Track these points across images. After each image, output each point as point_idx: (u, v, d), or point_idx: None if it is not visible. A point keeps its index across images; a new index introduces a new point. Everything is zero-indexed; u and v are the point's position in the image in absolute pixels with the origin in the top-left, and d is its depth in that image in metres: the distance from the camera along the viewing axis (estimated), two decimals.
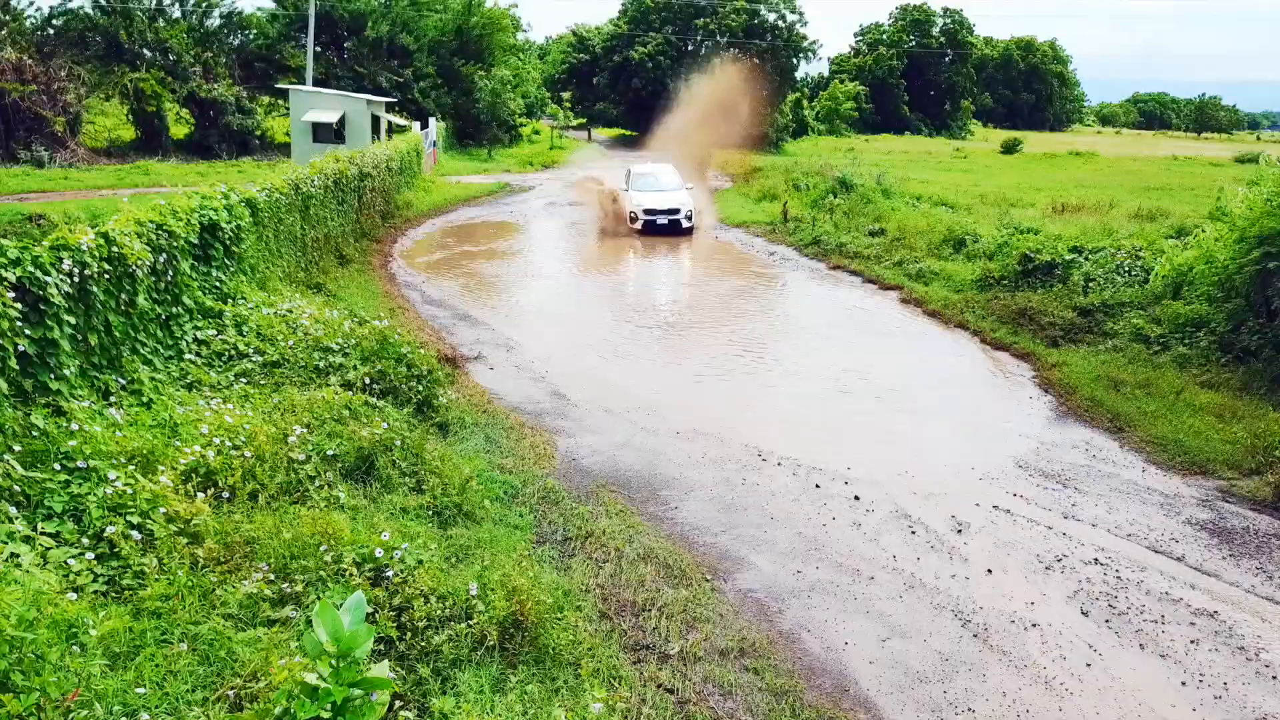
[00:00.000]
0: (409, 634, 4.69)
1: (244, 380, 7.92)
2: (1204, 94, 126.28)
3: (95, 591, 4.60)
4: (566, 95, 67.20)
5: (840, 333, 13.91)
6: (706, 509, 7.43)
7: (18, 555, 4.50)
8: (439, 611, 4.85)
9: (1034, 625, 5.89)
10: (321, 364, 8.49)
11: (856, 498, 7.72)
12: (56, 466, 5.29)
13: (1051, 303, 13.57)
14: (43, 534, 4.76)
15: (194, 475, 5.74)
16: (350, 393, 7.82)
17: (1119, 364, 11.33)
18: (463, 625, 4.82)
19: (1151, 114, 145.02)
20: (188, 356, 7.82)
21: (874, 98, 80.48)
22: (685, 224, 21.95)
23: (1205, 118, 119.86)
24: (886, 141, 64.46)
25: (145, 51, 32.56)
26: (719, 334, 13.51)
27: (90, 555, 4.75)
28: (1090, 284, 14.06)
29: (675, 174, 23.63)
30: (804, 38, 57.67)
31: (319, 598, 4.63)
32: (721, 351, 12.53)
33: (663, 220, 21.80)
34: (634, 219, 21.94)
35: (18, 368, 5.62)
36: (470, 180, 32.73)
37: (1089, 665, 5.51)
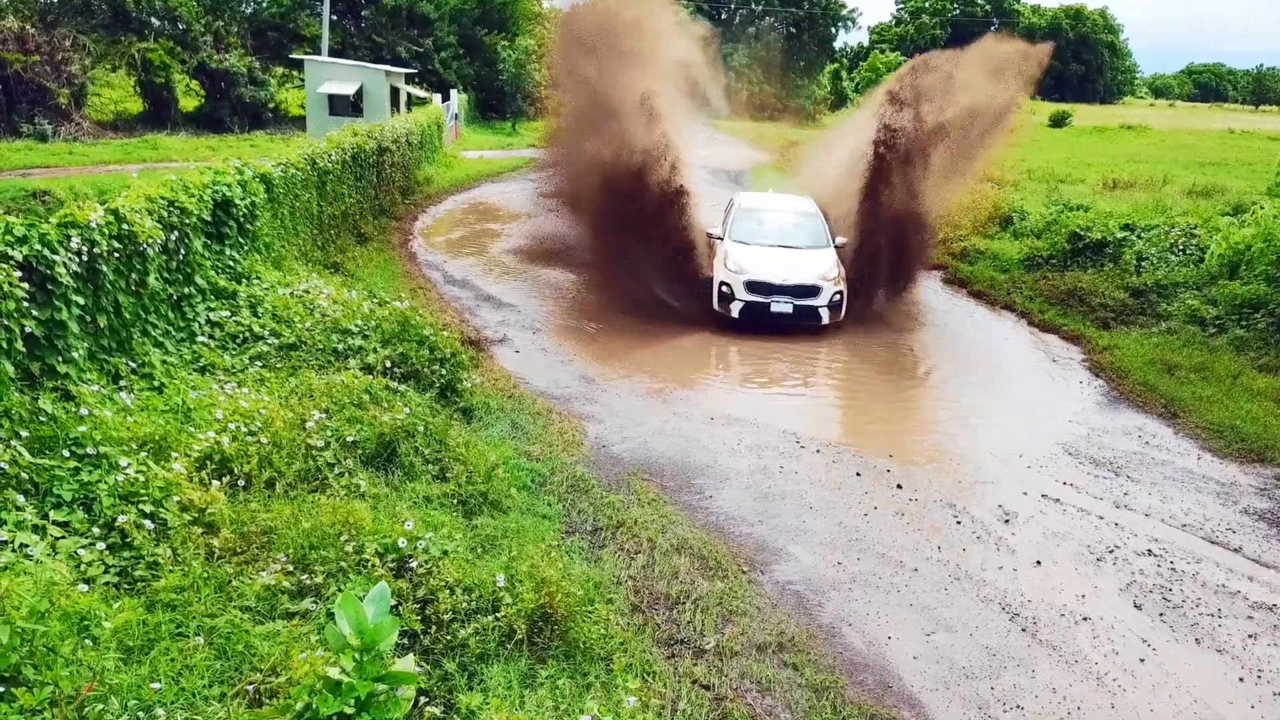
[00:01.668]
0: (434, 627, 4.58)
1: (259, 363, 7.76)
2: (1261, 65, 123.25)
3: (107, 583, 4.50)
4: None
5: (879, 314, 13.54)
6: (743, 498, 7.22)
7: (27, 545, 4.44)
8: (465, 604, 4.73)
9: (1085, 619, 5.76)
10: (340, 346, 8.32)
11: (899, 486, 7.51)
12: (65, 453, 5.17)
13: (1102, 283, 13.25)
14: (52, 523, 4.69)
15: (208, 462, 5.61)
16: (370, 376, 7.65)
17: (1173, 347, 11.07)
18: (490, 618, 4.70)
19: (1207, 86, 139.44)
20: (200, 339, 7.68)
21: None
22: (827, 316, 11.77)
23: (1263, 89, 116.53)
24: None
25: (153, 20, 31.71)
26: None
27: (101, 545, 4.65)
28: (1143, 263, 13.67)
29: (817, 216, 13.20)
30: (843, 5, 56.57)
31: (340, 589, 4.52)
32: (756, 332, 12.21)
33: (782, 305, 11.69)
34: (726, 295, 11.85)
35: (24, 350, 5.49)
36: (493, 155, 32.42)
37: (1143, 660, 5.38)
